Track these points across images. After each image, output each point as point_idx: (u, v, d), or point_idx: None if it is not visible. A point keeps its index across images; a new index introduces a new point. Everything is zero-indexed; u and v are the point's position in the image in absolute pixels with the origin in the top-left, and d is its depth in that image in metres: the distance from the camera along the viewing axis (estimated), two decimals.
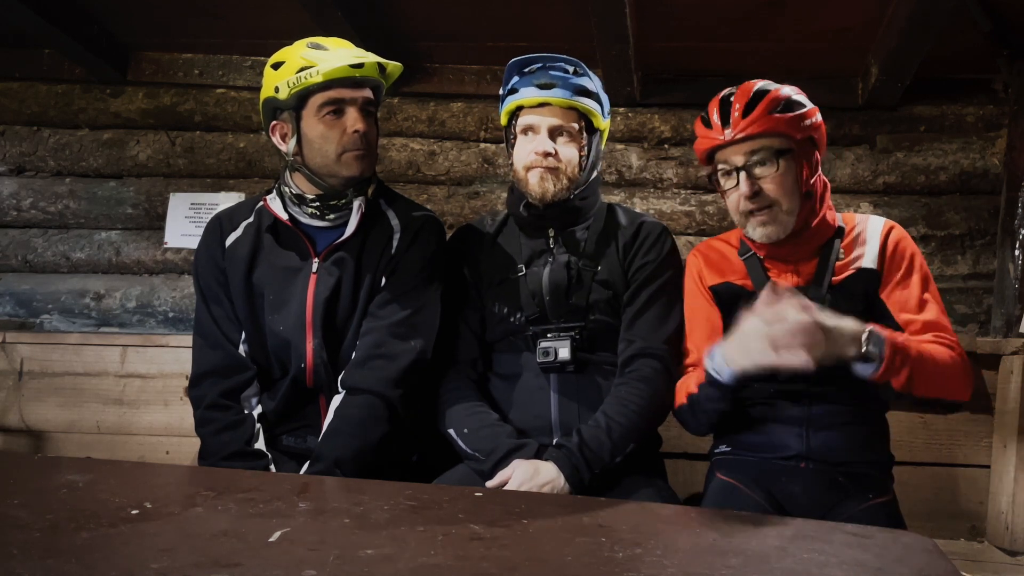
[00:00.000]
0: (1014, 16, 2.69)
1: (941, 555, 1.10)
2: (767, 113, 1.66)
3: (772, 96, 1.68)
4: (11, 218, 3.42)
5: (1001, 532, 2.37)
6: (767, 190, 1.67)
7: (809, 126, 1.70)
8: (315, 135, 1.80)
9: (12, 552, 0.92)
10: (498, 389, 1.90)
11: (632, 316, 1.85)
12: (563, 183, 1.85)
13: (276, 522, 1.10)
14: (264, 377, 1.89)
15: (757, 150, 1.67)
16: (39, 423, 2.81)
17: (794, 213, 1.69)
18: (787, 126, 1.67)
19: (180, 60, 3.38)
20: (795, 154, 1.68)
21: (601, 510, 1.32)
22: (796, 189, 1.68)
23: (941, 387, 1.61)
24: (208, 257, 1.91)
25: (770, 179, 1.67)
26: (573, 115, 1.85)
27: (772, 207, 1.68)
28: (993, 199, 3.03)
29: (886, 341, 1.52)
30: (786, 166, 1.67)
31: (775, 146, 1.67)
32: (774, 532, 1.21)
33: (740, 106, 1.67)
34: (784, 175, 1.67)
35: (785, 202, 1.68)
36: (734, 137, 1.66)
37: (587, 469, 1.68)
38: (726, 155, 1.70)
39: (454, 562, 0.98)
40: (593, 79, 1.90)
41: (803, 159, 1.69)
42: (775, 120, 1.66)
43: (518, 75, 1.89)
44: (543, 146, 1.83)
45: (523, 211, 1.90)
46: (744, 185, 1.67)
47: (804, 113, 1.70)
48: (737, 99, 1.69)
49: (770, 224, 1.69)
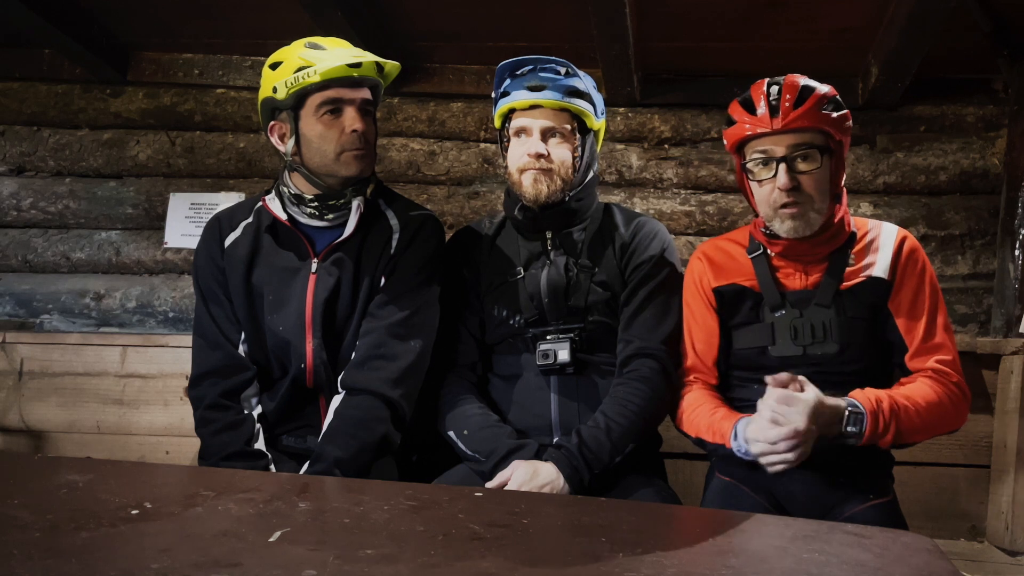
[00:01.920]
0: (1014, 16, 2.69)
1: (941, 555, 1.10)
2: (818, 108, 1.65)
3: (821, 92, 1.67)
4: (11, 218, 3.42)
5: (1001, 532, 2.38)
6: (805, 185, 1.66)
7: (848, 128, 1.71)
8: (313, 135, 1.80)
9: (12, 552, 0.92)
10: (498, 390, 1.90)
11: (630, 316, 1.85)
12: (557, 184, 1.84)
13: (276, 522, 1.10)
14: (264, 377, 1.89)
15: (802, 144, 1.66)
16: (39, 423, 2.81)
17: (823, 213, 1.68)
18: (833, 124, 1.67)
19: (180, 60, 3.38)
20: (834, 154, 1.68)
21: (601, 510, 1.32)
22: (829, 189, 1.68)
23: (930, 429, 1.65)
24: (207, 257, 1.91)
25: (810, 175, 1.66)
26: (565, 116, 1.85)
27: (805, 203, 1.67)
28: (993, 199, 3.03)
29: (866, 416, 1.56)
30: (827, 164, 1.67)
31: (819, 142, 1.66)
32: (774, 532, 1.21)
33: (791, 97, 1.65)
34: (824, 173, 1.67)
35: (818, 200, 1.67)
36: (784, 126, 1.64)
37: (587, 469, 1.68)
38: (767, 144, 1.68)
39: (454, 562, 0.98)
40: (584, 79, 1.89)
41: (840, 160, 1.70)
42: (824, 116, 1.66)
43: (509, 78, 1.89)
44: (535, 148, 1.83)
45: (518, 214, 1.90)
46: (783, 177, 1.65)
47: (846, 114, 1.70)
48: (787, 90, 1.67)
49: (799, 219, 1.67)
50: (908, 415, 1.58)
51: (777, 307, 1.71)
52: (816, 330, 1.68)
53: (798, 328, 1.69)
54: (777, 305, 1.72)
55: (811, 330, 1.68)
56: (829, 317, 1.67)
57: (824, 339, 1.67)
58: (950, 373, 1.65)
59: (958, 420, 1.67)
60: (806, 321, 1.69)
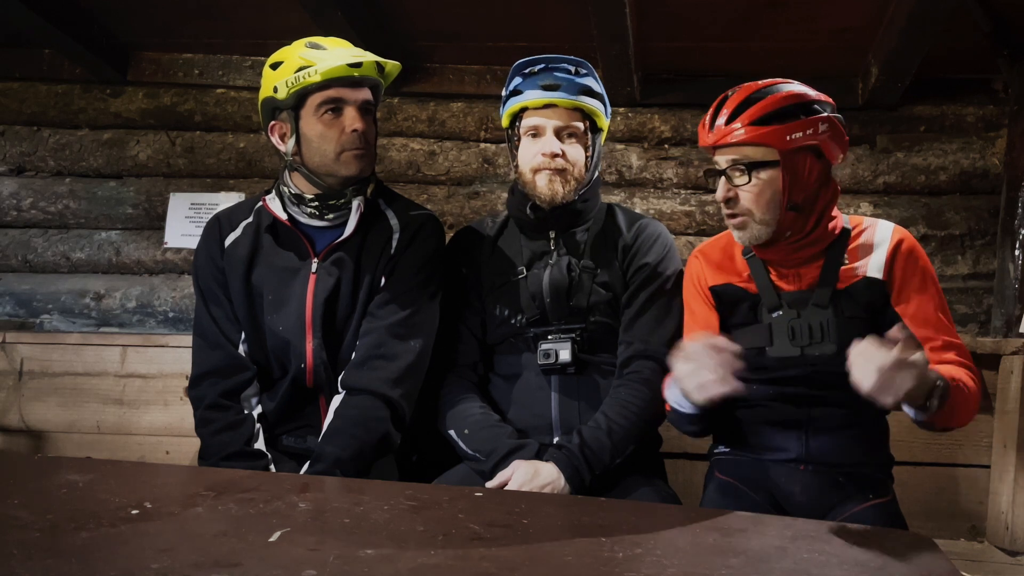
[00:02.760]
0: (1014, 16, 2.69)
1: (941, 555, 1.10)
2: (748, 123, 1.60)
3: (765, 103, 1.60)
4: (11, 218, 3.42)
5: (1001, 532, 2.37)
6: (741, 199, 1.63)
7: (802, 137, 1.59)
8: (314, 134, 1.80)
9: (12, 552, 0.92)
10: (499, 389, 1.90)
11: (631, 317, 1.85)
12: (571, 184, 1.84)
13: (276, 522, 1.10)
14: (264, 377, 1.88)
15: (736, 159, 1.63)
16: (39, 423, 2.81)
17: (770, 224, 1.64)
18: (768, 138, 1.58)
19: (180, 60, 3.37)
20: (780, 166, 1.61)
21: (601, 510, 1.32)
22: (774, 202, 1.62)
23: (963, 418, 1.59)
24: (207, 257, 1.91)
25: (744, 188, 1.63)
26: (578, 115, 1.85)
27: (745, 215, 1.65)
28: (993, 199, 3.02)
29: (951, 390, 1.47)
30: (762, 180, 1.61)
31: (753, 157, 1.61)
32: (774, 532, 1.21)
33: (727, 111, 1.62)
34: (759, 188, 1.62)
35: (759, 212, 1.63)
36: (714, 142, 1.64)
37: (588, 470, 1.68)
38: (716, 157, 1.68)
39: (454, 562, 0.98)
40: (596, 79, 1.90)
41: (791, 171, 1.60)
42: (754, 132, 1.59)
43: (520, 76, 1.88)
44: (551, 147, 1.82)
45: (529, 213, 1.90)
46: (720, 190, 1.65)
47: (800, 123, 1.59)
48: (728, 103, 1.64)
49: (742, 230, 1.67)
50: (962, 397, 1.54)
51: (774, 308, 1.71)
52: (814, 331, 1.67)
53: (796, 329, 1.69)
54: (774, 306, 1.71)
55: (809, 331, 1.68)
56: (827, 318, 1.67)
57: (822, 340, 1.67)
58: (972, 365, 1.63)
59: (975, 412, 1.63)
60: (804, 322, 1.68)
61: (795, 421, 1.70)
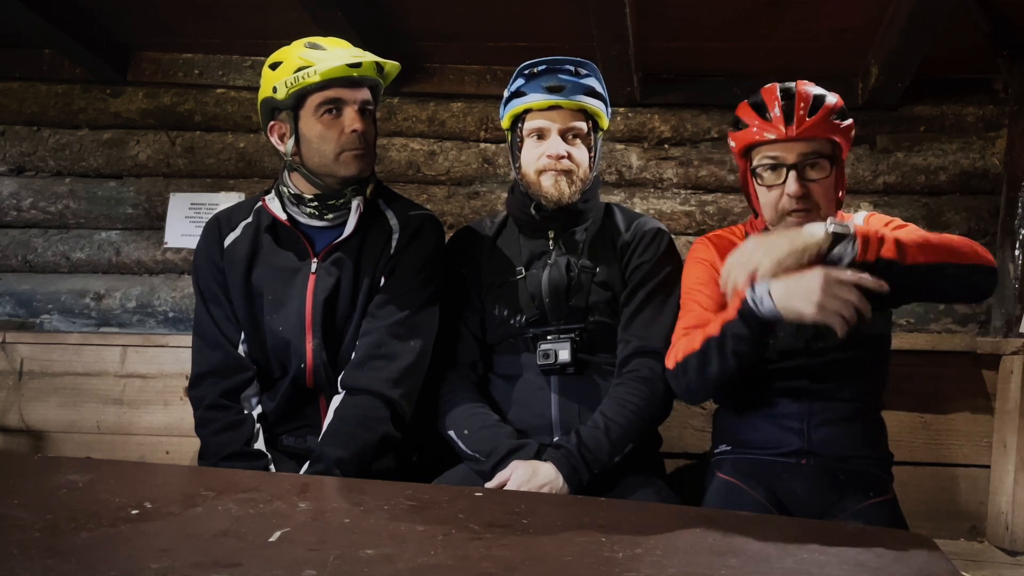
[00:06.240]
0: (1014, 16, 2.69)
1: (941, 555, 1.10)
2: (830, 118, 1.67)
3: (831, 103, 1.69)
4: (11, 218, 3.42)
5: (1001, 532, 2.37)
6: (814, 193, 1.67)
7: (852, 137, 1.73)
8: (313, 135, 1.80)
9: (12, 552, 0.92)
10: (498, 389, 1.90)
11: (629, 316, 1.85)
12: (577, 185, 1.85)
13: (276, 522, 1.10)
14: (264, 377, 1.89)
15: (813, 152, 1.67)
16: (39, 423, 2.81)
17: (824, 219, 1.65)
18: (842, 134, 1.69)
19: (180, 60, 3.37)
20: (840, 163, 1.70)
21: (601, 510, 1.32)
22: (835, 196, 1.71)
23: (948, 252, 1.54)
24: (207, 257, 1.91)
25: (819, 183, 1.67)
26: (581, 116, 1.85)
27: (812, 211, 1.67)
28: (993, 199, 3.02)
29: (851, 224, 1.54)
30: (834, 172, 1.69)
31: (828, 151, 1.68)
32: (774, 532, 1.21)
33: (805, 105, 1.66)
34: (831, 181, 1.69)
35: (824, 207, 1.69)
36: (798, 135, 1.65)
37: (586, 470, 1.68)
38: (778, 150, 1.68)
39: (454, 562, 0.98)
40: (599, 79, 1.90)
41: (844, 169, 1.73)
42: (835, 126, 1.67)
43: (523, 78, 1.88)
44: (557, 148, 1.83)
45: (533, 213, 1.90)
46: (793, 184, 1.66)
47: (851, 124, 1.73)
48: (801, 98, 1.68)
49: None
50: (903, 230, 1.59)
51: None
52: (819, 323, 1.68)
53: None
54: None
55: (814, 324, 1.68)
56: None
57: (826, 332, 1.67)
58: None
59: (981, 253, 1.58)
60: None
61: (796, 414, 1.71)
